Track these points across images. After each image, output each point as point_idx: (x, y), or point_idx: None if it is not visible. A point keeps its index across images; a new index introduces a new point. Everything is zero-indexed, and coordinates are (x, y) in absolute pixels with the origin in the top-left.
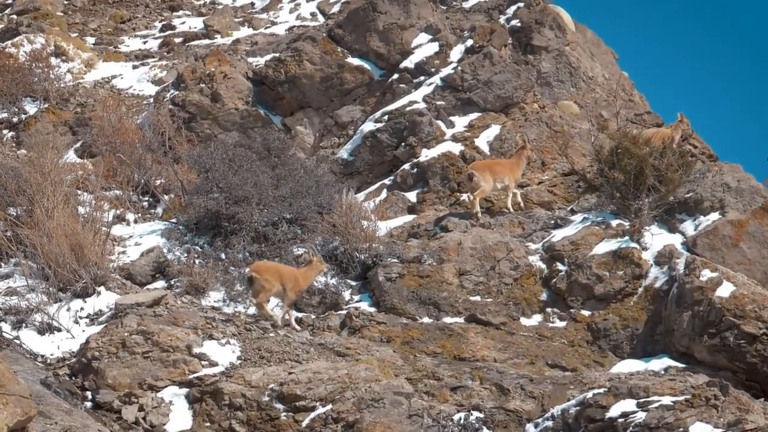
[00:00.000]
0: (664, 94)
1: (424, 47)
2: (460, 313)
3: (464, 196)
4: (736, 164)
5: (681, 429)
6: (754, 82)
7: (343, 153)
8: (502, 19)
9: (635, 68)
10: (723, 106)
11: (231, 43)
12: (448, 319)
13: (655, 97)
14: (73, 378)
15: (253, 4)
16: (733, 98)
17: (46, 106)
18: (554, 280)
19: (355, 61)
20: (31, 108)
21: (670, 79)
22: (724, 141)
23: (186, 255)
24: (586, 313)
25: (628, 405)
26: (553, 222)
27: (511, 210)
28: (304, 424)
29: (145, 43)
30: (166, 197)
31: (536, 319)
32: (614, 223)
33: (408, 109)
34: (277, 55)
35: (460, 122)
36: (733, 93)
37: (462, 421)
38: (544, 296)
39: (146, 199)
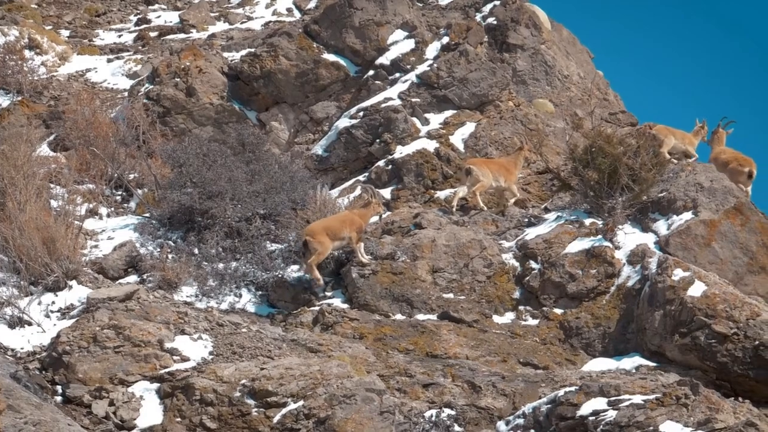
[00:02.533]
0: (639, 93)
1: (400, 44)
2: (433, 311)
3: (458, 191)
4: (709, 164)
5: (651, 428)
6: (733, 80)
7: (318, 149)
8: (478, 17)
9: (610, 67)
10: (700, 104)
11: (206, 37)
12: (420, 316)
13: (630, 96)
14: (44, 372)
15: None
16: (711, 97)
17: (20, 98)
18: (527, 278)
19: (330, 57)
20: (4, 100)
21: (645, 78)
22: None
23: (159, 250)
24: (558, 311)
25: (599, 403)
26: (526, 220)
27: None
28: (275, 420)
29: (119, 36)
30: (139, 191)
31: (509, 316)
32: (588, 221)
33: (383, 105)
34: (253, 50)
35: (435, 119)
36: (710, 91)
37: (433, 419)
38: (516, 294)
39: (119, 193)
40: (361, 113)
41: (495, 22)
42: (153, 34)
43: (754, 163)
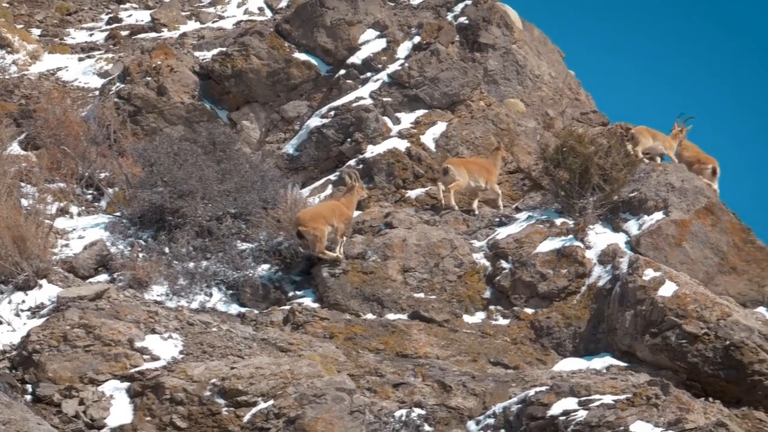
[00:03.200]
0: (611, 93)
1: (371, 43)
2: (403, 310)
3: (438, 192)
4: (680, 164)
5: (622, 428)
6: (733, 80)
7: (289, 148)
8: (449, 17)
9: (582, 67)
10: (700, 104)
11: (178, 36)
12: (391, 316)
13: (601, 96)
14: (13, 371)
15: None
16: (711, 97)
17: None
18: (498, 277)
19: (302, 57)
20: None
21: (617, 78)
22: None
23: (129, 249)
24: (529, 310)
25: (569, 403)
26: (497, 220)
27: (501, 208)
28: (245, 419)
29: (91, 35)
30: (110, 190)
31: (479, 316)
32: (558, 221)
33: (354, 105)
34: (224, 49)
35: (407, 119)
36: (710, 91)
37: (404, 418)
38: (487, 294)
39: (90, 192)
40: (332, 112)
41: (466, 22)
42: (124, 33)
43: (716, 160)
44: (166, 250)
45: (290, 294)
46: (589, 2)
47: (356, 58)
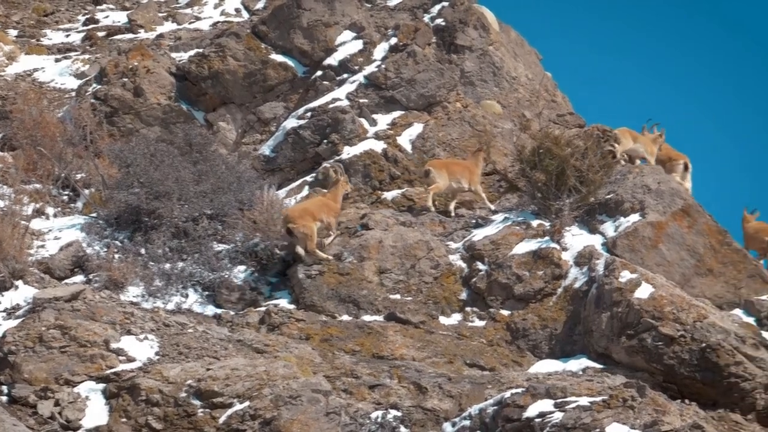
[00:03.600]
0: (588, 95)
1: (348, 45)
2: (379, 312)
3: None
4: (657, 166)
5: (597, 430)
6: (733, 80)
7: (265, 149)
8: (426, 18)
9: (558, 69)
10: (700, 104)
11: (154, 37)
12: (367, 317)
13: (578, 98)
14: None
15: None
16: (711, 97)
17: None
18: (474, 279)
19: (278, 58)
20: None
21: (616, 79)
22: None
23: (105, 250)
24: (505, 312)
25: (545, 405)
26: (474, 221)
27: (491, 207)
28: (221, 420)
29: (67, 36)
30: (86, 191)
31: (455, 318)
32: (535, 223)
33: (331, 106)
34: (201, 50)
35: (383, 120)
36: (710, 92)
37: (379, 420)
38: (463, 295)
39: (66, 193)
40: (308, 114)
41: (443, 23)
42: (101, 34)
43: (687, 156)
44: (142, 251)
45: (266, 295)
46: (589, 2)
47: (333, 60)
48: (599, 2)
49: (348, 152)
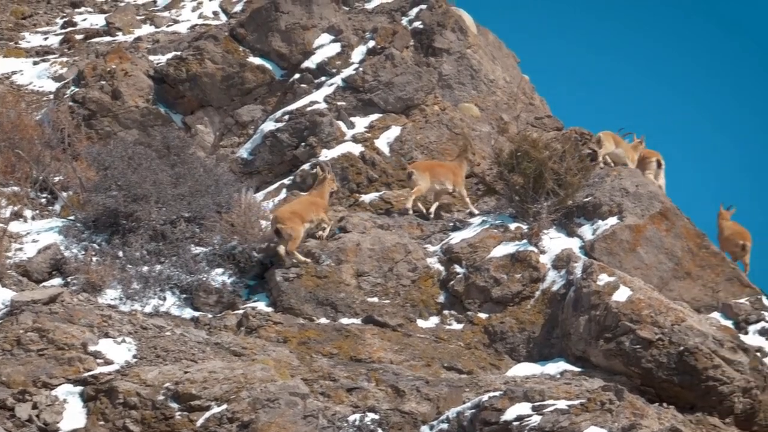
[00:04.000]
0: (565, 98)
1: (325, 48)
2: (357, 314)
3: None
4: (635, 169)
5: None
6: (733, 80)
7: (243, 152)
8: (404, 21)
9: (536, 72)
10: (700, 104)
11: (132, 40)
12: (345, 320)
13: (556, 100)
14: None
15: (155, 2)
16: (711, 96)
17: None
18: (452, 282)
19: (256, 61)
20: None
21: (617, 78)
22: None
23: (83, 252)
24: (483, 315)
25: (523, 408)
26: (451, 224)
27: (474, 211)
28: (198, 423)
29: (46, 39)
30: (64, 194)
31: (433, 321)
32: (513, 226)
33: (309, 109)
34: (179, 53)
35: (361, 123)
36: (710, 91)
37: (357, 423)
38: (441, 298)
39: (44, 195)
40: (286, 117)
41: (421, 26)
42: (79, 37)
43: (659, 153)
44: (120, 254)
45: (244, 298)
46: (589, 2)
47: (311, 63)
48: (597, 2)
49: (326, 155)
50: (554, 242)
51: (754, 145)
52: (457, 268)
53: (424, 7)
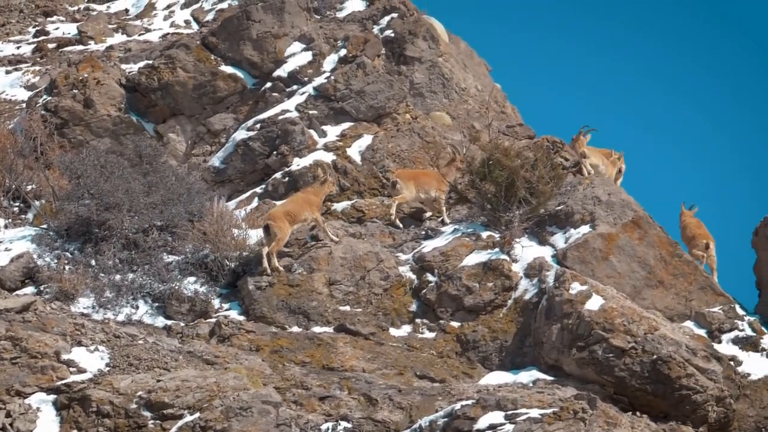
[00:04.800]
0: (609, 93)
1: (297, 56)
2: (329, 323)
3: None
4: (606, 177)
5: None
6: (733, 80)
7: (215, 161)
8: (375, 30)
9: (581, 67)
10: (700, 104)
11: (104, 49)
12: (317, 329)
13: (599, 95)
14: None
15: (127, 10)
16: (711, 96)
17: None
18: (424, 290)
19: (228, 69)
20: None
21: (616, 78)
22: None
23: (56, 261)
24: (455, 324)
25: (496, 417)
26: (423, 233)
27: (447, 221)
28: (171, 431)
29: (18, 48)
30: (37, 203)
31: (405, 329)
32: (485, 234)
33: (280, 117)
34: (151, 62)
35: (333, 132)
36: (709, 91)
37: (330, 431)
38: (413, 307)
39: (17, 204)
40: (258, 125)
41: (392, 35)
42: (51, 46)
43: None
44: (93, 262)
45: (216, 306)
46: (589, 2)
47: (282, 71)
48: (597, 2)
49: (298, 164)
50: (526, 251)
51: (753, 145)
52: (429, 277)
53: (395, 15)
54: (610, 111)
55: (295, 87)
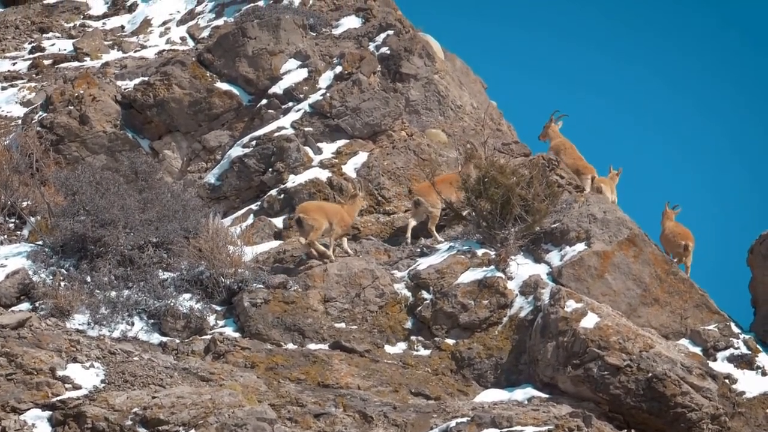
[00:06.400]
0: (585, 98)
1: (293, 73)
2: (324, 340)
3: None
4: (602, 195)
5: None
6: (732, 80)
7: (211, 177)
8: (371, 47)
9: (581, 68)
10: (700, 104)
11: (100, 65)
12: (312, 346)
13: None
14: None
15: (123, 27)
16: (710, 96)
17: None
18: (419, 308)
19: (223, 86)
20: None
21: (616, 78)
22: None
23: (51, 277)
24: (450, 341)
25: None
26: (419, 250)
27: (438, 237)
28: None
29: (14, 64)
30: (32, 219)
31: (401, 347)
32: (480, 252)
33: (276, 134)
34: (146, 78)
35: (328, 149)
36: (709, 92)
37: None
38: (408, 324)
39: (12, 220)
40: (253, 142)
41: (388, 52)
42: (47, 62)
43: (593, 168)
44: (88, 278)
45: (212, 323)
46: (589, 2)
47: (278, 88)
48: (597, 2)
49: (293, 181)
50: (522, 268)
51: (753, 145)
52: (425, 294)
53: (391, 32)
54: (610, 111)
55: (290, 104)
